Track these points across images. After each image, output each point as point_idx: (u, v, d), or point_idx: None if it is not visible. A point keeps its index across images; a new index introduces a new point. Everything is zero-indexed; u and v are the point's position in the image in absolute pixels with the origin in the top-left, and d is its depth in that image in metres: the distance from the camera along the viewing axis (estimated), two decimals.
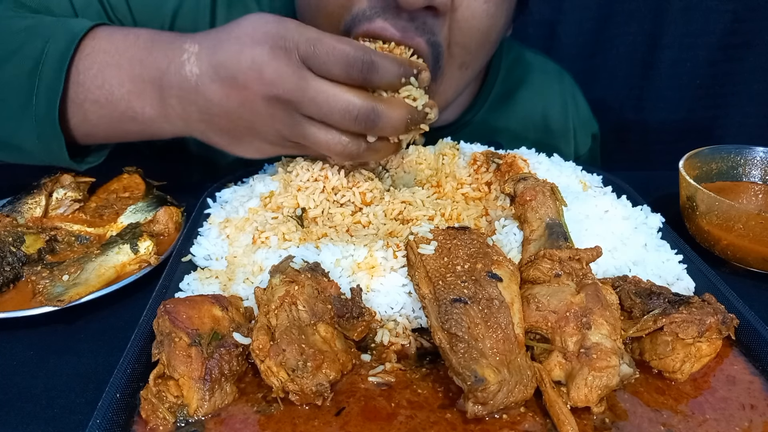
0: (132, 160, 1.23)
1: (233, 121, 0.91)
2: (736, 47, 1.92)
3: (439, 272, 0.77)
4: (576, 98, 1.59)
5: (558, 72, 1.59)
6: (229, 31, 0.90)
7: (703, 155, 1.17)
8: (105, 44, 0.97)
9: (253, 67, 0.85)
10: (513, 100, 1.47)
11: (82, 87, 0.96)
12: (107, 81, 0.96)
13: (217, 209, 1.05)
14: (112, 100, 0.96)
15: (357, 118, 0.85)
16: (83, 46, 0.96)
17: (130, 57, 0.95)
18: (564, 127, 1.54)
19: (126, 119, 0.98)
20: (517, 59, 1.51)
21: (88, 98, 0.97)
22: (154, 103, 0.95)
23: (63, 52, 0.94)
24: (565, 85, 1.58)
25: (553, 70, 1.59)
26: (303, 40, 0.84)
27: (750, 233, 0.98)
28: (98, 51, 0.97)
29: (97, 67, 0.96)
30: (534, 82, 1.51)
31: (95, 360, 0.81)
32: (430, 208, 0.98)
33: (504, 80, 1.46)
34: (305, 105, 0.86)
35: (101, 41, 0.97)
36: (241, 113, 0.89)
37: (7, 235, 0.97)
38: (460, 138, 1.22)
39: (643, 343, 0.76)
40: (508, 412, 0.67)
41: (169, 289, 0.87)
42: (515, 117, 1.47)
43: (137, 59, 0.95)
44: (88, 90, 0.96)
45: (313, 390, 0.66)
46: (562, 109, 1.54)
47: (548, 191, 0.94)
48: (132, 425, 0.66)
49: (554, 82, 1.56)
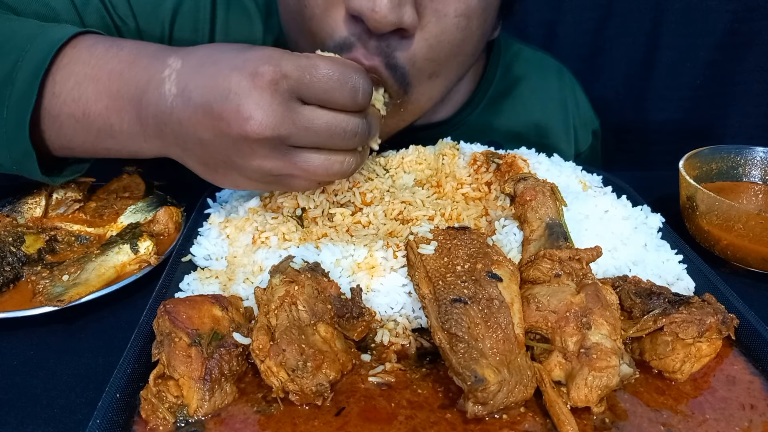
0: (132, 160, 1.23)
1: (207, 152, 0.83)
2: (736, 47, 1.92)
3: (439, 272, 0.77)
4: (576, 94, 1.58)
5: (557, 68, 1.58)
6: (213, 50, 0.84)
7: (703, 155, 1.17)
8: (85, 55, 0.91)
9: (230, 98, 0.76)
10: (512, 96, 1.46)
11: (58, 99, 0.90)
12: (84, 95, 0.90)
13: (217, 209, 1.05)
14: (89, 115, 0.90)
15: (357, 135, 0.83)
16: (62, 55, 0.91)
17: (110, 70, 0.89)
18: (565, 124, 1.53)
19: (103, 135, 0.92)
20: (516, 56, 1.49)
21: (63, 111, 0.91)
22: (132, 121, 0.88)
23: (40, 61, 0.88)
24: (565, 81, 1.57)
25: (553, 66, 1.58)
26: (292, 66, 0.77)
27: (750, 233, 0.98)
28: (77, 61, 0.91)
29: (74, 79, 0.90)
30: (533, 78, 1.49)
31: (95, 360, 0.81)
32: (430, 208, 0.98)
33: (503, 77, 1.45)
34: (298, 136, 0.79)
35: (82, 51, 0.91)
36: (216, 145, 0.81)
37: (7, 235, 0.97)
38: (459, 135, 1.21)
39: (643, 343, 0.76)
40: (508, 412, 0.67)
41: (169, 289, 0.87)
42: (515, 114, 1.46)
43: (117, 72, 0.89)
44: (64, 103, 0.90)
45: (313, 390, 0.66)
46: (562, 106, 1.53)
47: (548, 191, 0.94)
48: (132, 425, 0.66)
49: (554, 78, 1.55)
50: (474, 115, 1.43)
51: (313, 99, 0.79)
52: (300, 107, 0.79)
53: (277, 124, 0.76)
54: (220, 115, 0.77)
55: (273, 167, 0.82)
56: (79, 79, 0.90)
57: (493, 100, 1.44)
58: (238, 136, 0.78)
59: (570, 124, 1.54)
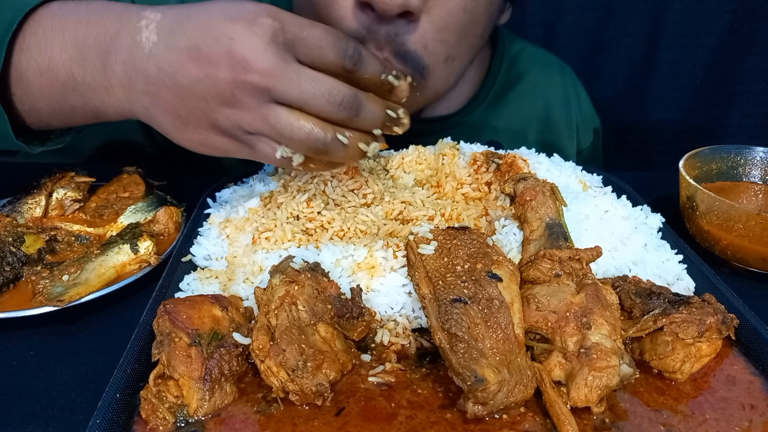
0: (132, 160, 1.23)
1: (183, 100, 0.80)
2: (736, 47, 1.92)
3: (439, 272, 0.77)
4: (578, 92, 1.59)
5: (560, 65, 1.59)
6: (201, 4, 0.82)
7: (703, 155, 1.17)
8: (56, 9, 0.90)
9: (222, 40, 0.75)
10: (516, 92, 1.47)
11: (26, 53, 0.88)
12: (49, 45, 0.87)
13: (217, 209, 1.05)
14: (53, 67, 0.87)
15: (342, 104, 0.79)
16: (35, 13, 0.89)
17: (78, 20, 0.87)
18: (567, 121, 1.54)
19: (67, 90, 0.89)
20: (519, 52, 1.51)
21: (30, 66, 0.88)
22: (96, 71, 0.85)
23: (10, 19, 0.87)
24: (567, 79, 1.58)
25: (555, 63, 1.59)
26: (292, 21, 0.77)
27: (750, 233, 0.98)
28: (47, 15, 0.89)
29: (42, 31, 0.88)
30: (537, 74, 1.50)
31: (95, 360, 0.81)
32: (430, 208, 0.98)
33: (506, 73, 1.46)
34: (284, 89, 0.77)
35: (53, 7, 0.90)
36: (197, 91, 0.78)
37: (7, 235, 0.97)
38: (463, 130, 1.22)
39: (643, 343, 0.76)
40: (508, 412, 0.67)
41: (169, 289, 0.87)
42: (518, 110, 1.47)
43: (84, 22, 0.86)
44: (31, 56, 0.87)
45: (313, 390, 0.66)
46: (565, 103, 1.54)
47: (548, 191, 0.94)
48: (132, 425, 0.66)
49: (556, 75, 1.56)
50: (480, 109, 1.43)
51: (307, 57, 0.79)
52: (293, 61, 0.78)
53: (268, 71, 0.75)
54: (208, 58, 0.76)
55: (249, 121, 0.80)
56: (46, 30, 0.88)
57: (498, 95, 1.45)
58: (224, 80, 0.76)
59: (573, 121, 1.54)
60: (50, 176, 1.12)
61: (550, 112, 1.51)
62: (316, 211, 0.95)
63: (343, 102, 0.79)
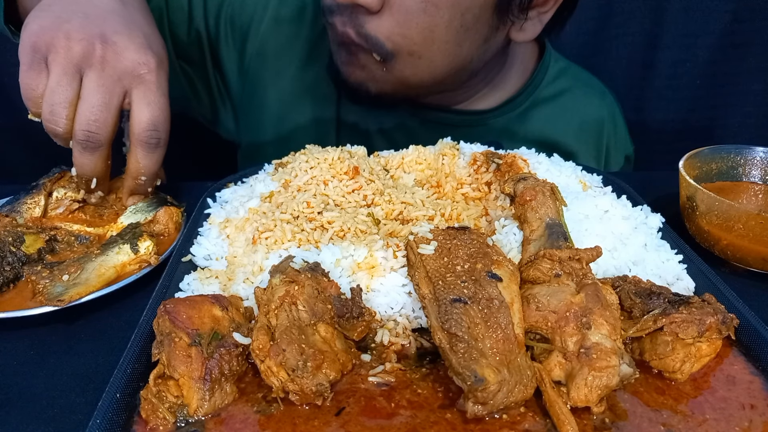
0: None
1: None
2: (736, 47, 1.92)
3: (439, 272, 0.77)
4: (615, 118, 1.63)
5: (601, 90, 1.64)
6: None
7: (703, 155, 1.17)
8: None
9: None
10: (550, 107, 1.53)
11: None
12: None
13: (217, 209, 1.05)
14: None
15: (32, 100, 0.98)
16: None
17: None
18: (597, 143, 1.58)
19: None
20: (563, 71, 1.57)
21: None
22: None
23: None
24: (606, 103, 1.62)
25: (597, 86, 1.65)
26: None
27: (750, 233, 0.98)
28: None
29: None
30: (575, 94, 1.56)
31: (95, 360, 0.81)
32: (430, 208, 0.98)
33: (546, 86, 1.52)
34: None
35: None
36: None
37: (7, 235, 0.97)
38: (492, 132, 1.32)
39: (643, 343, 0.76)
40: (508, 412, 0.67)
41: (169, 289, 0.87)
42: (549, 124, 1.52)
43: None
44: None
45: (313, 390, 0.66)
46: (598, 126, 1.58)
47: (548, 191, 0.94)
48: (132, 425, 0.66)
49: (595, 98, 1.61)
50: (514, 115, 1.50)
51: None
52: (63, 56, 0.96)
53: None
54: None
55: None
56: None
57: (534, 105, 1.51)
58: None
59: (603, 143, 1.59)
60: (50, 176, 1.12)
61: (580, 133, 1.55)
62: (316, 211, 0.95)
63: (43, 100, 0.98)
